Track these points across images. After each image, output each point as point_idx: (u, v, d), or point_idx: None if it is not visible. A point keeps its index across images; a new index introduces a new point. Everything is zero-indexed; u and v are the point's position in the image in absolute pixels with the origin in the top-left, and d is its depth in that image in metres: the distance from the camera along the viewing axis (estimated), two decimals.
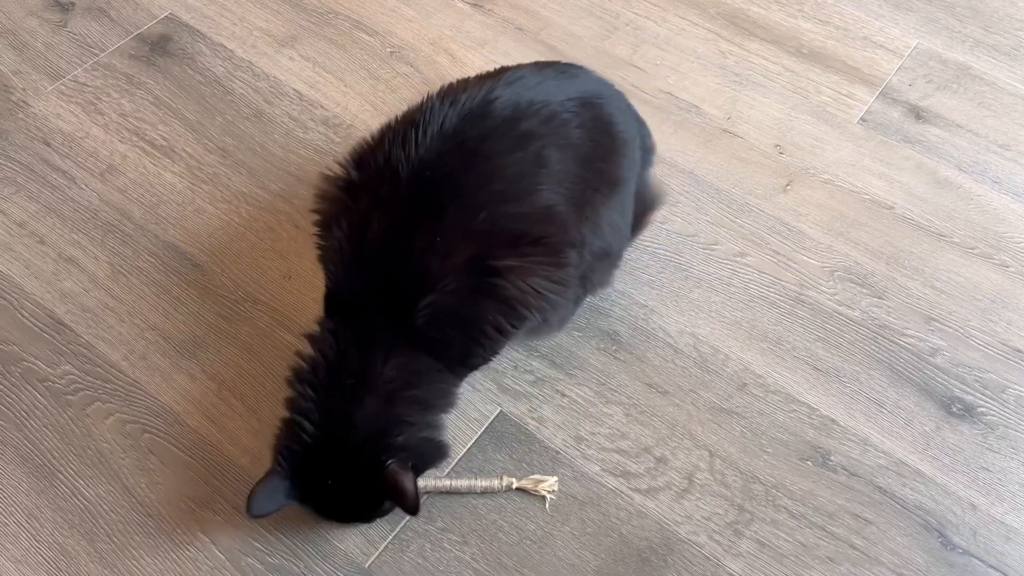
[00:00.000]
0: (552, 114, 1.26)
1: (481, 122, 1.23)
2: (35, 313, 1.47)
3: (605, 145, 1.31)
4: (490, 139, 1.23)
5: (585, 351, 1.43)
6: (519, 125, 1.24)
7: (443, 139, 1.22)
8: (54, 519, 1.28)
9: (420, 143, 1.21)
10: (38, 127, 1.70)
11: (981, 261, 1.56)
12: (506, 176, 1.22)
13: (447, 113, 1.23)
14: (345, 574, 1.23)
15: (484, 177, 1.21)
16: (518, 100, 1.26)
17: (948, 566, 1.25)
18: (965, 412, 1.39)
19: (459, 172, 1.20)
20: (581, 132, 1.28)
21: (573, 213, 1.25)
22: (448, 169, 1.20)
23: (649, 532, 1.27)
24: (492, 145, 1.22)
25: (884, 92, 1.79)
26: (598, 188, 1.29)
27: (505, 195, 1.21)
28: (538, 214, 1.22)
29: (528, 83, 1.29)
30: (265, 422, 1.36)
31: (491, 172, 1.21)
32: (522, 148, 1.23)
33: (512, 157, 1.22)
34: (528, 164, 1.22)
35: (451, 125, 1.22)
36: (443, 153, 1.21)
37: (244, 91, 1.76)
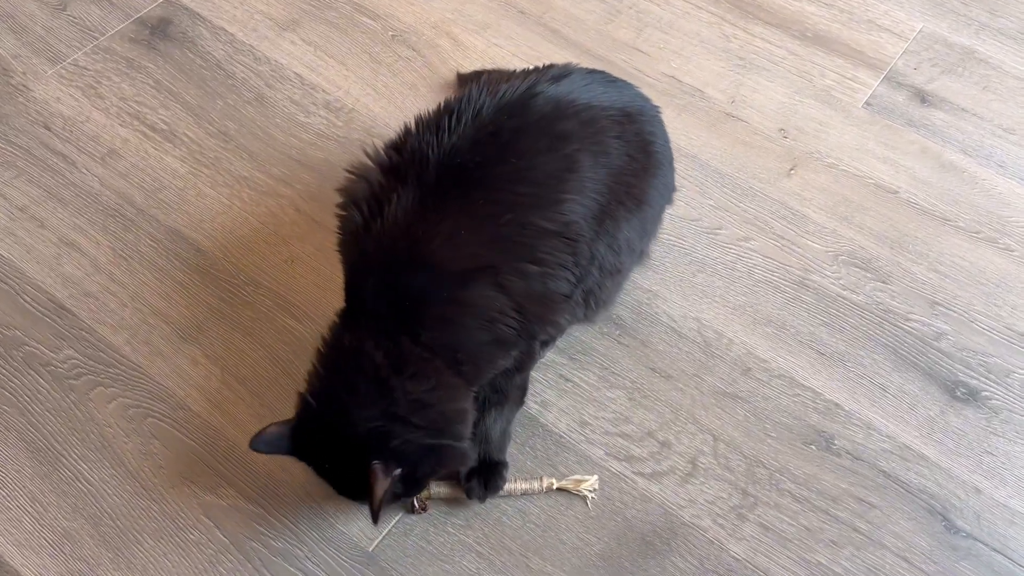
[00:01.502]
0: (592, 119, 1.24)
1: (520, 115, 1.21)
2: (36, 297, 1.47)
3: (640, 161, 1.28)
4: (526, 134, 1.20)
5: (589, 336, 1.43)
6: (557, 124, 1.21)
7: (478, 128, 1.19)
8: (57, 503, 1.28)
9: (453, 130, 1.18)
10: (38, 111, 1.69)
11: (986, 245, 1.55)
12: (537, 178, 1.19)
13: (485, 102, 1.21)
14: (349, 558, 1.23)
15: (515, 174, 1.18)
16: (560, 98, 1.23)
17: (952, 550, 1.25)
18: (969, 396, 1.39)
19: (490, 164, 1.18)
20: (618, 143, 1.25)
21: (592, 227, 1.22)
22: (480, 159, 1.17)
23: (653, 516, 1.27)
24: (527, 141, 1.20)
25: (889, 76, 1.78)
26: (623, 202, 1.25)
27: (533, 200, 1.18)
28: (558, 231, 1.18)
29: (574, 83, 1.26)
30: (268, 406, 1.36)
31: (522, 170, 1.19)
32: (556, 149, 1.20)
33: (545, 157, 1.20)
34: (559, 167, 1.20)
35: (488, 114, 1.20)
36: (477, 142, 1.18)
37: (245, 75, 1.75)
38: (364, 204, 1.19)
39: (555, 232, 1.18)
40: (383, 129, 1.66)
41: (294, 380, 1.37)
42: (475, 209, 1.16)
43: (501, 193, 1.17)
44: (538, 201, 1.18)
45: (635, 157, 1.28)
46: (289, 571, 1.22)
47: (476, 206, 1.16)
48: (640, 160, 1.28)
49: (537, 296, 1.18)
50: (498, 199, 1.17)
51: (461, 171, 1.17)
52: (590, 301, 1.29)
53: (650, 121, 1.34)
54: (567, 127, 1.21)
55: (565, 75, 1.27)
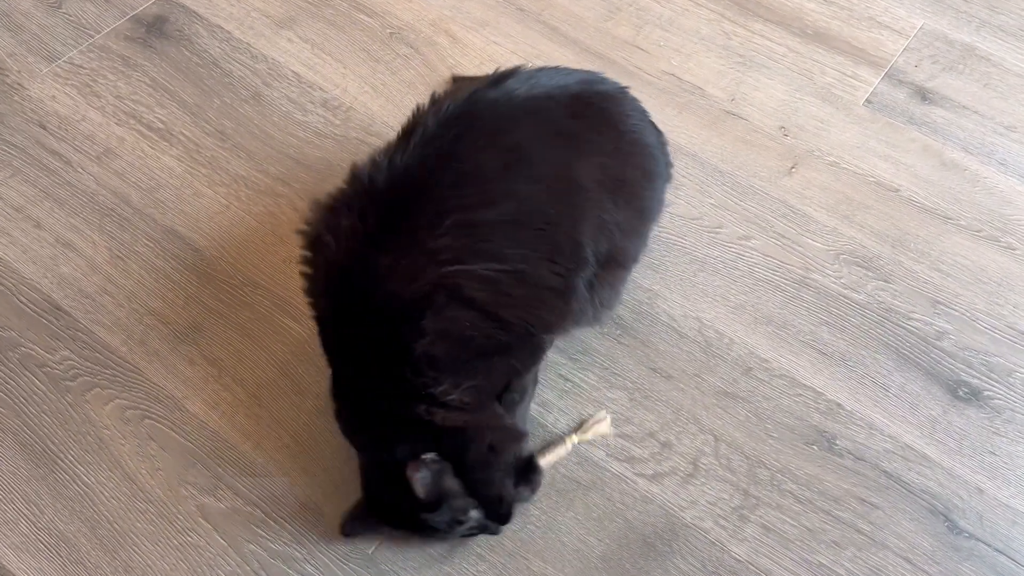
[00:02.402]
0: (537, 108, 1.20)
1: (462, 123, 1.16)
2: (32, 298, 1.45)
3: (612, 141, 1.25)
4: (466, 138, 1.16)
5: (589, 335, 1.42)
6: (498, 121, 1.18)
7: (424, 144, 1.15)
8: (54, 505, 1.27)
9: (403, 150, 1.14)
10: (33, 110, 1.68)
11: (987, 244, 1.54)
12: (480, 175, 1.14)
13: (429, 117, 1.17)
14: (348, 561, 1.23)
15: (457, 179, 1.13)
16: (499, 97, 1.19)
17: (954, 550, 1.24)
18: (971, 396, 1.38)
19: (434, 176, 1.13)
20: (576, 124, 1.20)
21: (566, 213, 1.17)
22: (423, 175, 1.13)
23: (654, 517, 1.26)
24: (467, 144, 1.15)
25: (889, 73, 1.77)
26: (602, 183, 1.21)
27: (477, 198, 1.13)
28: (512, 220, 1.14)
29: (518, 79, 1.22)
30: (266, 407, 1.35)
31: (464, 173, 1.14)
32: (497, 144, 1.16)
33: (487, 154, 1.15)
34: (503, 159, 1.15)
35: (432, 129, 1.16)
36: (424, 158, 1.14)
37: (242, 73, 1.74)
38: (326, 242, 1.14)
39: (509, 222, 1.13)
40: (381, 127, 1.65)
41: (292, 381, 1.37)
42: (420, 225, 1.11)
43: (446, 202, 1.12)
44: (483, 198, 1.13)
45: (603, 136, 1.24)
46: (288, 574, 1.21)
47: (422, 221, 1.11)
48: (611, 139, 1.25)
49: (511, 295, 1.14)
50: (442, 208, 1.11)
51: (409, 193, 1.13)
52: (594, 296, 1.25)
53: (613, 100, 1.30)
54: (509, 122, 1.18)
55: (509, 75, 1.23)
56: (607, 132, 1.26)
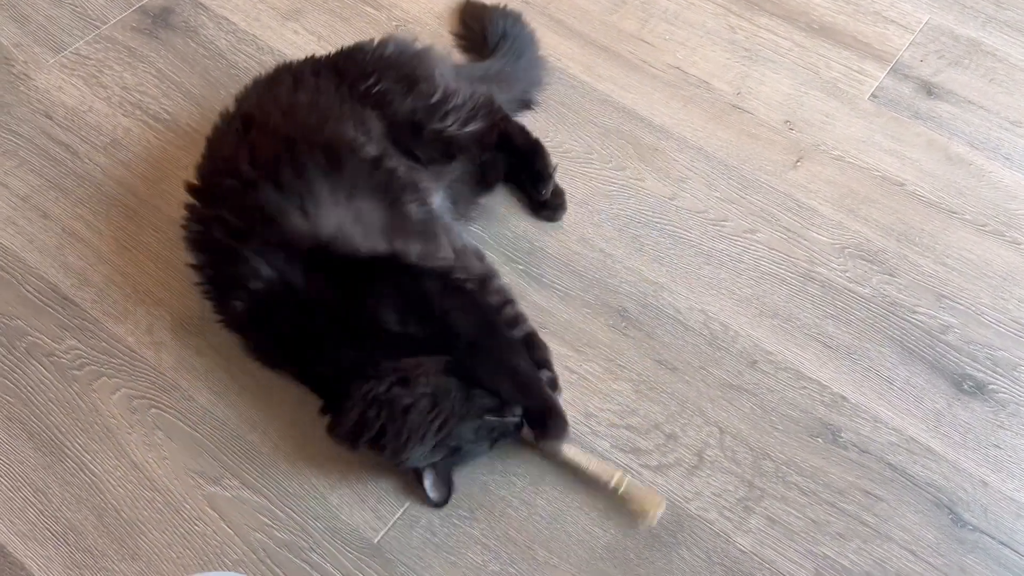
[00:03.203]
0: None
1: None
2: (39, 287, 1.46)
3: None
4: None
5: (594, 327, 1.42)
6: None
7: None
8: (61, 494, 1.27)
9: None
10: (40, 100, 1.68)
11: (992, 238, 1.55)
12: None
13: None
14: (354, 549, 1.23)
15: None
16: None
17: (958, 543, 1.25)
18: (976, 389, 1.38)
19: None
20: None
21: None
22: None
23: None
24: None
25: (895, 68, 1.77)
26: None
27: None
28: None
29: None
30: (273, 397, 1.35)
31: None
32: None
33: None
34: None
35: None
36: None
37: (248, 64, 1.74)
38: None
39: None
40: None
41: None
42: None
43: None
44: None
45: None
46: (294, 562, 1.22)
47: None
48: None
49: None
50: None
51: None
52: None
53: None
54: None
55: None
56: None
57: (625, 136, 1.65)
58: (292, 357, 1.28)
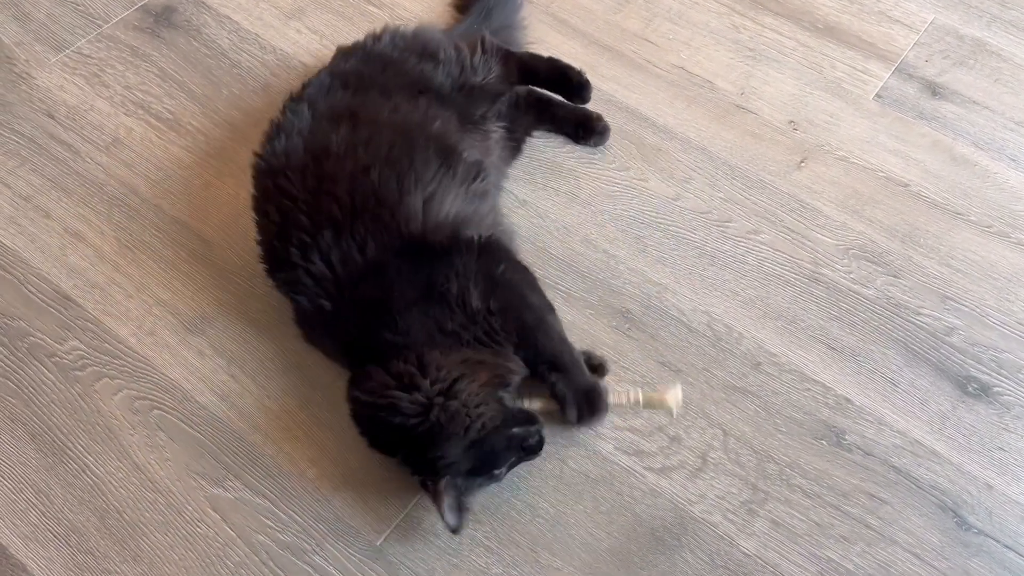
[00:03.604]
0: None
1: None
2: (41, 288, 1.45)
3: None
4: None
5: (597, 329, 1.42)
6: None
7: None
8: (63, 495, 1.27)
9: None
10: (42, 99, 1.68)
11: (998, 240, 1.54)
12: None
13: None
14: (357, 552, 1.23)
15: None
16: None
17: (963, 546, 1.24)
18: (981, 392, 1.38)
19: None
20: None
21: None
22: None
23: (663, 511, 1.26)
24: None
25: (900, 68, 1.76)
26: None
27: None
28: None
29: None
30: (275, 399, 1.35)
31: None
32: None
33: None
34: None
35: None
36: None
37: (251, 64, 1.73)
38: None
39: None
40: None
41: (302, 373, 1.37)
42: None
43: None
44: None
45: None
46: (297, 565, 1.22)
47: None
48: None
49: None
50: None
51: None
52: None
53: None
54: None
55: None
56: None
57: (629, 136, 1.65)
58: (370, 327, 1.27)
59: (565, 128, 1.63)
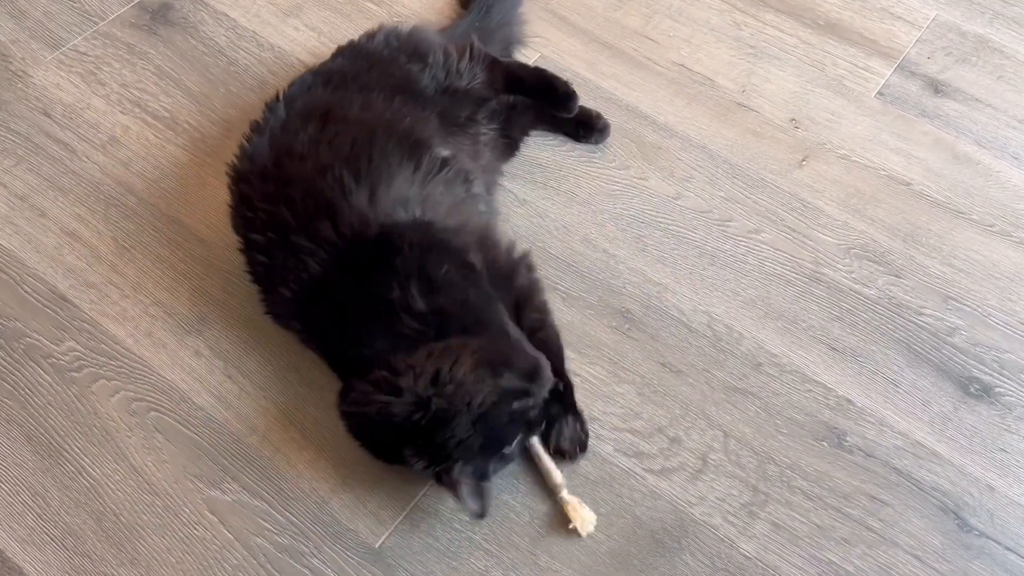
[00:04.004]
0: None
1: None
2: (37, 288, 1.44)
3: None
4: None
5: (597, 329, 1.41)
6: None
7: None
8: (60, 498, 1.26)
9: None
10: (38, 97, 1.67)
11: (1000, 239, 1.53)
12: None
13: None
14: (355, 555, 1.22)
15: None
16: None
17: (965, 548, 1.24)
18: (983, 392, 1.37)
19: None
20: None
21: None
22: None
23: (663, 513, 1.25)
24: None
25: (902, 65, 1.75)
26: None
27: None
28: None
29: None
30: (272, 400, 1.34)
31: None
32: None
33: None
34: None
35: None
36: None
37: (248, 62, 1.72)
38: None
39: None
40: None
41: (299, 374, 1.36)
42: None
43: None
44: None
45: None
46: (295, 567, 1.21)
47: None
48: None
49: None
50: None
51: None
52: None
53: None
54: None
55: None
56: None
57: (629, 134, 1.63)
58: (336, 343, 1.26)
59: (565, 127, 1.61)
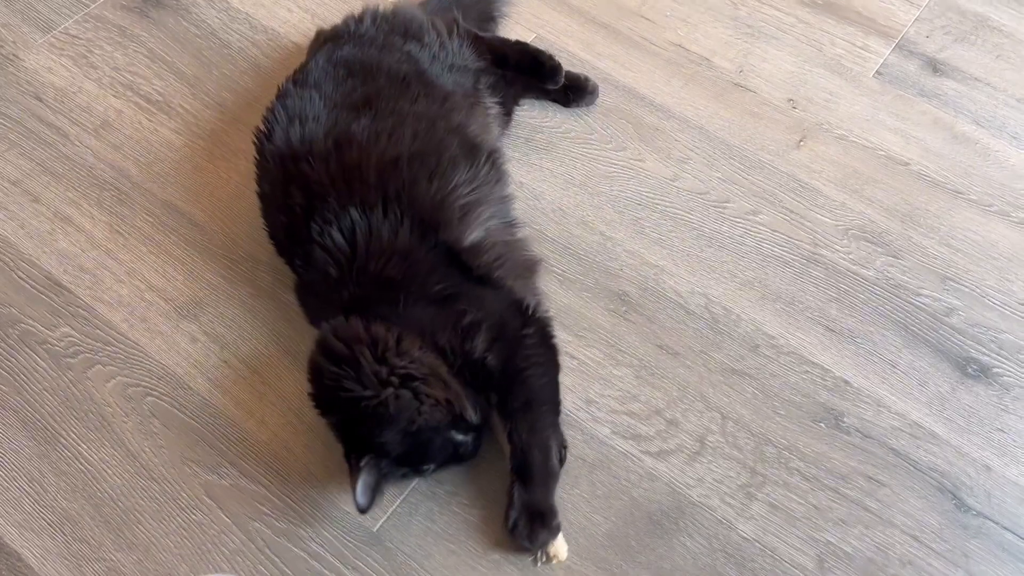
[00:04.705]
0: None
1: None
2: (31, 274, 1.44)
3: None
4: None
5: (594, 312, 1.41)
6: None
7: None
8: (57, 483, 1.26)
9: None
10: (29, 81, 1.65)
11: (998, 219, 1.52)
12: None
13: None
14: (353, 538, 1.22)
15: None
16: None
17: (962, 528, 1.24)
18: (980, 373, 1.37)
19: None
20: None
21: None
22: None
23: (660, 495, 1.26)
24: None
25: (900, 44, 1.74)
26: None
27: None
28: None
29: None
30: (269, 384, 1.34)
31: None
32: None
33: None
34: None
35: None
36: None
37: (241, 44, 1.71)
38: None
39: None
40: None
41: (295, 358, 1.35)
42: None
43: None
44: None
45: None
46: (293, 552, 1.21)
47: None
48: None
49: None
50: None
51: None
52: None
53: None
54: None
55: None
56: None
57: (626, 116, 1.62)
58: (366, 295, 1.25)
59: (553, 94, 1.61)
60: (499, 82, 1.55)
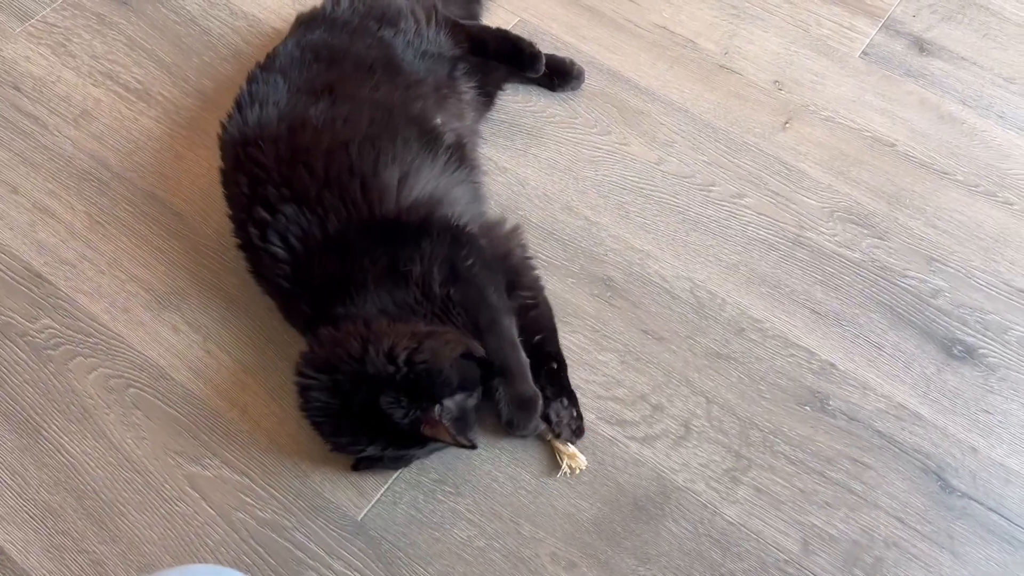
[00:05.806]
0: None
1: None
2: (11, 265, 1.42)
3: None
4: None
5: (579, 298, 1.40)
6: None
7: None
8: (39, 476, 1.25)
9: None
10: (7, 71, 1.63)
11: (984, 199, 1.52)
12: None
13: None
14: (338, 528, 1.22)
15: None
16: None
17: (947, 509, 1.24)
18: (966, 354, 1.36)
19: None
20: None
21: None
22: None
23: (645, 480, 1.25)
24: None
25: (887, 24, 1.72)
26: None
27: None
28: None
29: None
30: (252, 374, 1.33)
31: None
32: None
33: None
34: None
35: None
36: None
37: (221, 31, 1.69)
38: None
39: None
40: None
41: (279, 347, 1.34)
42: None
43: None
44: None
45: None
46: (277, 542, 1.21)
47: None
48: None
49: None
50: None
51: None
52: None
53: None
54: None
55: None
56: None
57: (610, 99, 1.61)
58: (323, 297, 1.25)
59: (539, 79, 1.59)
60: (480, 66, 1.53)
